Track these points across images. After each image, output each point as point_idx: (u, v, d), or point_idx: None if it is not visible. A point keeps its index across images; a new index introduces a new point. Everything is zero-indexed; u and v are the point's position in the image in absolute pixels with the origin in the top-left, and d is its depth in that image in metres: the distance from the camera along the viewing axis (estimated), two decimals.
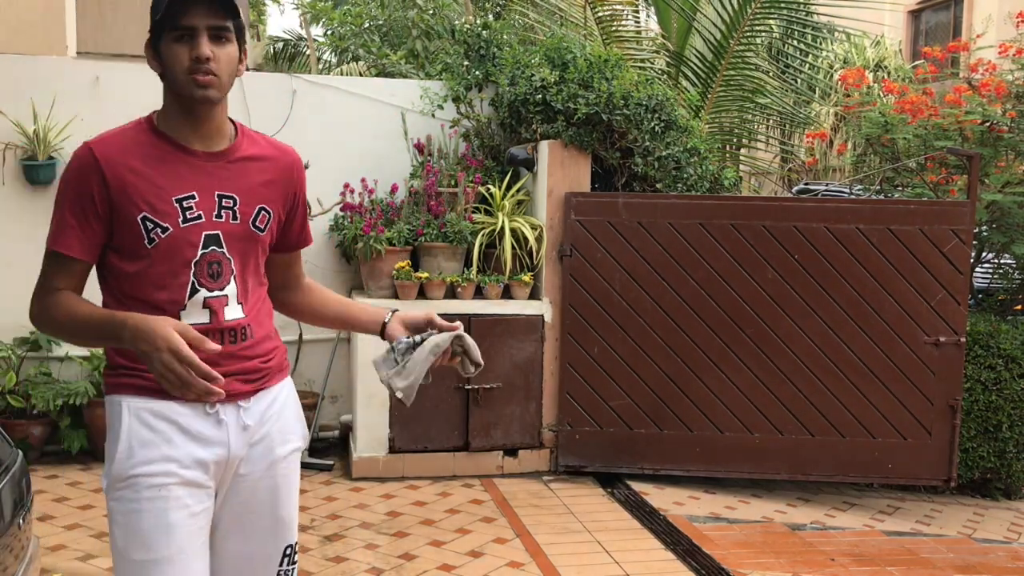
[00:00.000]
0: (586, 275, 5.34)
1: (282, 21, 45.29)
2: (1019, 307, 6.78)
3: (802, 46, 9.30)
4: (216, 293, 1.91)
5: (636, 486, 5.26)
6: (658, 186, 5.59)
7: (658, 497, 5.12)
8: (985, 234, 6.41)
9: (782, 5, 7.88)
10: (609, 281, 5.33)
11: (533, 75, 5.54)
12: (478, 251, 5.33)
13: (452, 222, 5.37)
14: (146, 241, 1.85)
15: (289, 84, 5.90)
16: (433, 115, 5.91)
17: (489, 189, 5.56)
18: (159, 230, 1.86)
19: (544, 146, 5.45)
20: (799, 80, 9.31)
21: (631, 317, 5.32)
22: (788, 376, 5.30)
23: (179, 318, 1.85)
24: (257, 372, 1.97)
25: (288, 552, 2.08)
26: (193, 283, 1.89)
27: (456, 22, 9.10)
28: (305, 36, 14.58)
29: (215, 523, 1.98)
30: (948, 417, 5.30)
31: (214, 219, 1.91)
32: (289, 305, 2.22)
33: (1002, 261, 6.80)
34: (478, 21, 6.53)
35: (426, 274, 5.28)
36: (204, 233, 1.89)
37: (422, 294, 5.32)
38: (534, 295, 5.51)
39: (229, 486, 1.97)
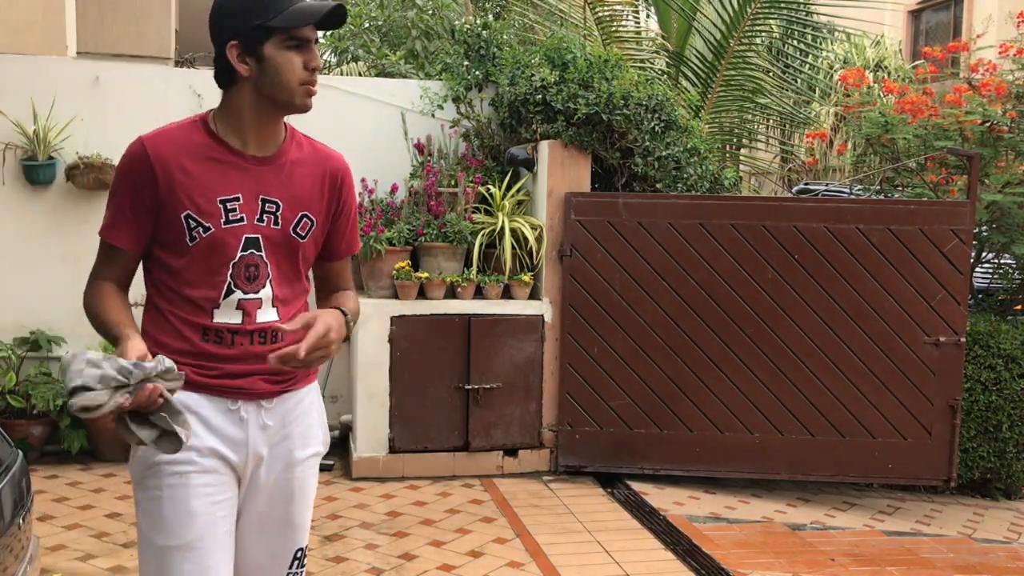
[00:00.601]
0: (586, 275, 5.34)
1: None
2: (1019, 307, 6.78)
3: (802, 46, 9.30)
4: (251, 296, 1.95)
5: (636, 486, 5.26)
6: (658, 186, 5.59)
7: (658, 497, 5.11)
8: (985, 234, 6.41)
9: (782, 5, 7.88)
10: (609, 281, 5.33)
11: (533, 75, 5.54)
12: (478, 251, 5.33)
13: (452, 222, 5.37)
14: (188, 239, 1.90)
15: None
16: (433, 115, 5.91)
17: (489, 189, 5.56)
18: (201, 229, 1.90)
19: (544, 146, 5.45)
20: (799, 80, 9.31)
21: (631, 317, 5.32)
22: (788, 376, 5.30)
23: (212, 316, 1.93)
24: (283, 374, 1.98)
25: (298, 555, 2.10)
26: (229, 283, 1.93)
27: (456, 22, 9.10)
28: None
29: (237, 518, 2.02)
30: (948, 417, 5.30)
31: (255, 222, 1.94)
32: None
33: (1002, 261, 6.80)
34: (478, 21, 6.53)
35: (426, 274, 5.28)
36: (245, 236, 1.93)
37: (422, 294, 5.32)
38: (534, 295, 5.51)
39: (249, 484, 2.01)
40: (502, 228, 5.35)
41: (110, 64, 6.02)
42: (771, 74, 8.57)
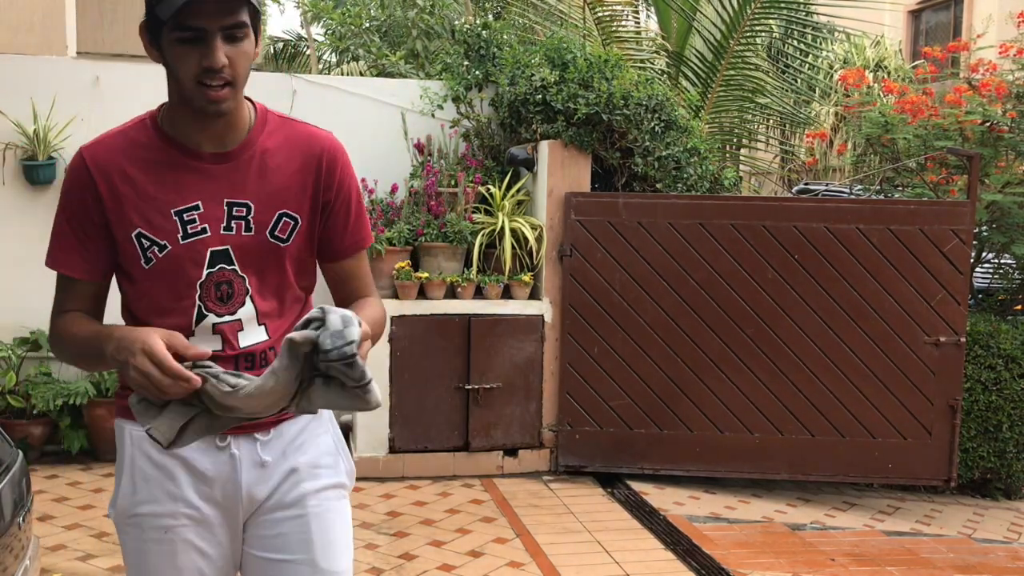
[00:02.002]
0: (586, 275, 5.34)
1: (282, 21, 45.34)
2: (1019, 307, 6.77)
3: (802, 46, 9.30)
4: (227, 318, 1.66)
5: (636, 486, 5.26)
6: (658, 186, 5.59)
7: (658, 497, 5.11)
8: (985, 234, 6.41)
9: (782, 5, 7.88)
10: (609, 281, 5.33)
11: (533, 75, 5.54)
12: (478, 251, 5.33)
13: (452, 222, 5.37)
14: (143, 261, 1.62)
15: (289, 84, 5.90)
16: (433, 115, 5.91)
17: (489, 189, 5.56)
18: (156, 248, 1.61)
19: (544, 146, 5.45)
20: (799, 80, 9.31)
21: (631, 317, 5.32)
22: (788, 376, 5.30)
23: None
24: None
25: None
26: (199, 307, 1.64)
27: (456, 22, 9.10)
28: (305, 36, 14.59)
29: (245, 568, 1.77)
30: (948, 417, 5.30)
31: (222, 232, 1.63)
32: None
33: (1002, 261, 6.80)
34: (478, 21, 6.53)
35: (426, 274, 5.28)
36: (210, 249, 1.63)
37: (422, 294, 5.32)
38: (534, 295, 5.51)
39: (254, 531, 1.73)
40: (502, 228, 5.35)
41: (110, 64, 6.02)
42: (771, 74, 8.57)
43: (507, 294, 5.45)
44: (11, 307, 5.44)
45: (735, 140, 9.06)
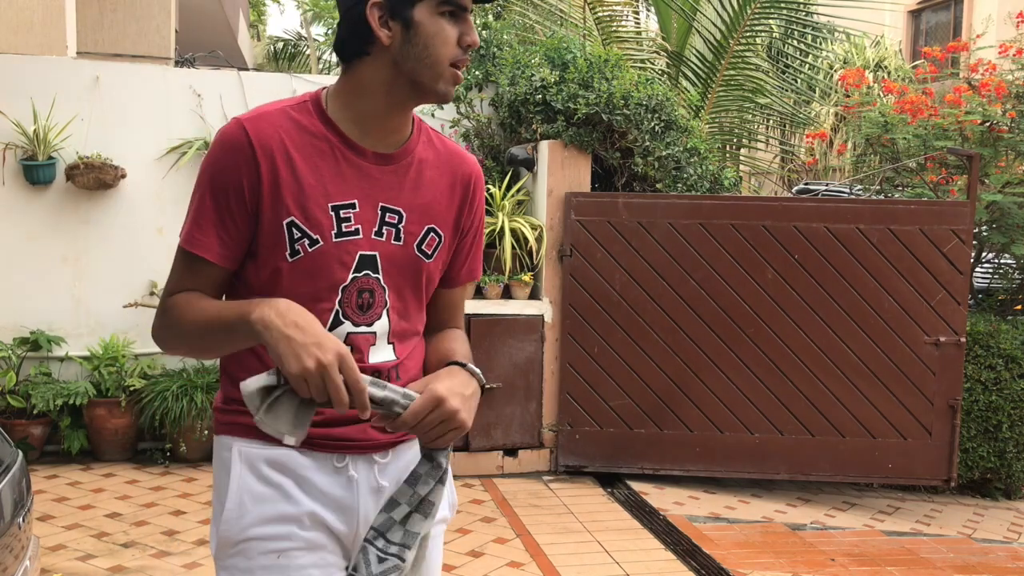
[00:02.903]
0: (586, 275, 5.34)
1: (282, 21, 45.31)
2: (1019, 307, 6.77)
3: (802, 46, 9.30)
4: (363, 329, 1.53)
5: (636, 486, 5.26)
6: (658, 186, 5.59)
7: (658, 497, 5.11)
8: (985, 234, 6.41)
9: (782, 5, 7.88)
10: (609, 281, 5.33)
11: (533, 75, 5.54)
12: None
13: None
14: (288, 252, 1.47)
15: (289, 84, 5.90)
16: (433, 115, 5.90)
17: (489, 189, 5.56)
18: (307, 241, 1.48)
19: (544, 146, 5.45)
20: (799, 80, 9.31)
21: (631, 317, 5.33)
22: (788, 376, 5.30)
23: None
24: None
25: None
26: (337, 312, 1.51)
27: None
28: (305, 36, 14.60)
29: None
30: (948, 417, 5.30)
31: (373, 236, 1.51)
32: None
33: (1002, 261, 6.80)
34: (478, 21, 6.54)
35: None
36: (360, 253, 1.51)
37: None
38: (534, 295, 5.51)
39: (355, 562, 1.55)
40: (502, 228, 5.35)
41: (110, 64, 6.02)
42: (771, 74, 8.57)
43: (507, 294, 5.45)
44: (11, 307, 5.44)
45: (735, 140, 9.06)
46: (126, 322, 5.51)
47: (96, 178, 5.42)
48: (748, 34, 7.76)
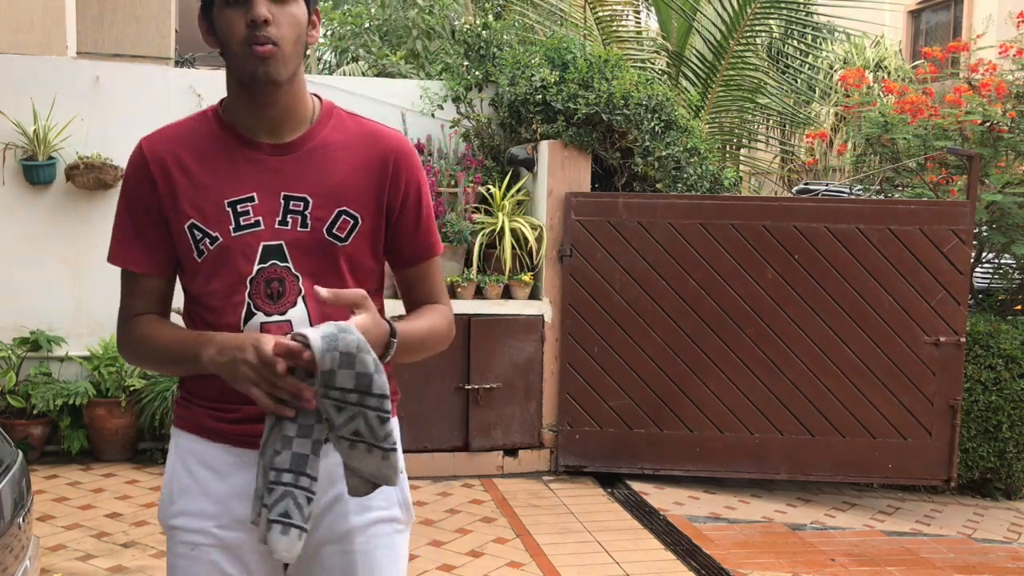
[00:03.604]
0: (586, 275, 5.34)
1: None
2: (1019, 307, 6.77)
3: (802, 46, 9.30)
4: (275, 318, 1.55)
5: (636, 486, 5.26)
6: (658, 186, 5.59)
7: (658, 497, 5.11)
8: (985, 234, 6.41)
9: (782, 5, 7.88)
10: (609, 281, 5.33)
11: (533, 75, 5.54)
12: (478, 251, 5.33)
13: (452, 222, 5.37)
14: (195, 253, 1.56)
15: None
16: (433, 115, 5.91)
17: (489, 189, 5.56)
18: (208, 240, 1.55)
19: (544, 146, 5.45)
20: (799, 80, 9.31)
21: (631, 317, 5.32)
22: (788, 376, 5.30)
23: None
24: None
25: None
26: (248, 304, 1.55)
27: (456, 22, 9.10)
28: None
29: None
30: (948, 417, 5.30)
31: (277, 226, 1.56)
32: None
33: (1002, 261, 6.80)
34: (478, 21, 6.53)
35: None
36: (262, 244, 1.55)
37: None
38: (534, 295, 5.51)
39: (297, 564, 1.60)
40: (502, 228, 5.35)
41: (110, 64, 6.03)
42: (771, 74, 8.57)
43: (507, 294, 5.45)
44: (11, 307, 5.44)
45: (735, 140, 9.06)
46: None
47: (96, 178, 5.42)
48: (748, 34, 7.76)
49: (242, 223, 1.55)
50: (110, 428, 5.29)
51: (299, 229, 1.56)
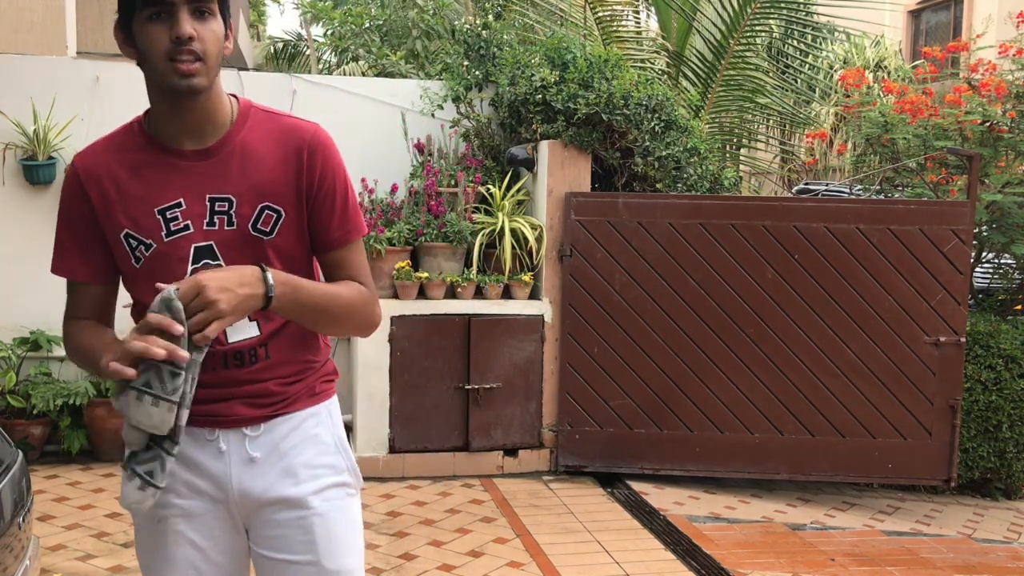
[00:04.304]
0: (586, 275, 5.34)
1: (282, 21, 45.28)
2: (1019, 307, 6.78)
3: (802, 46, 9.30)
4: None
5: (636, 486, 5.26)
6: (658, 186, 5.59)
7: (658, 497, 5.12)
8: (985, 234, 6.41)
9: (782, 5, 7.88)
10: (609, 281, 5.34)
11: (533, 75, 5.54)
12: (478, 251, 5.33)
13: (452, 222, 5.37)
14: (132, 260, 1.66)
15: (289, 84, 5.91)
16: (433, 115, 5.91)
17: (489, 189, 5.56)
18: (143, 247, 1.65)
19: (544, 146, 5.45)
20: (799, 80, 9.31)
21: (631, 317, 5.33)
22: (788, 376, 5.30)
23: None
24: (271, 396, 1.71)
25: None
26: None
27: (456, 22, 9.10)
28: (305, 36, 14.59)
29: (254, 565, 1.79)
30: (948, 417, 5.30)
31: (205, 228, 1.65)
32: None
33: (1002, 261, 6.80)
34: (478, 21, 6.53)
35: (426, 274, 5.28)
36: (193, 246, 1.65)
37: (422, 294, 5.32)
38: (534, 295, 5.51)
39: (257, 523, 1.73)
40: (502, 228, 5.35)
41: (110, 64, 6.02)
42: (771, 74, 8.57)
43: (507, 294, 5.45)
44: (11, 307, 5.44)
45: (735, 140, 9.06)
46: (126, 322, 5.50)
47: None
48: (748, 34, 7.76)
49: (172, 228, 1.64)
50: (110, 428, 5.28)
51: (226, 228, 1.65)
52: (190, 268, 1.64)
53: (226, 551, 1.74)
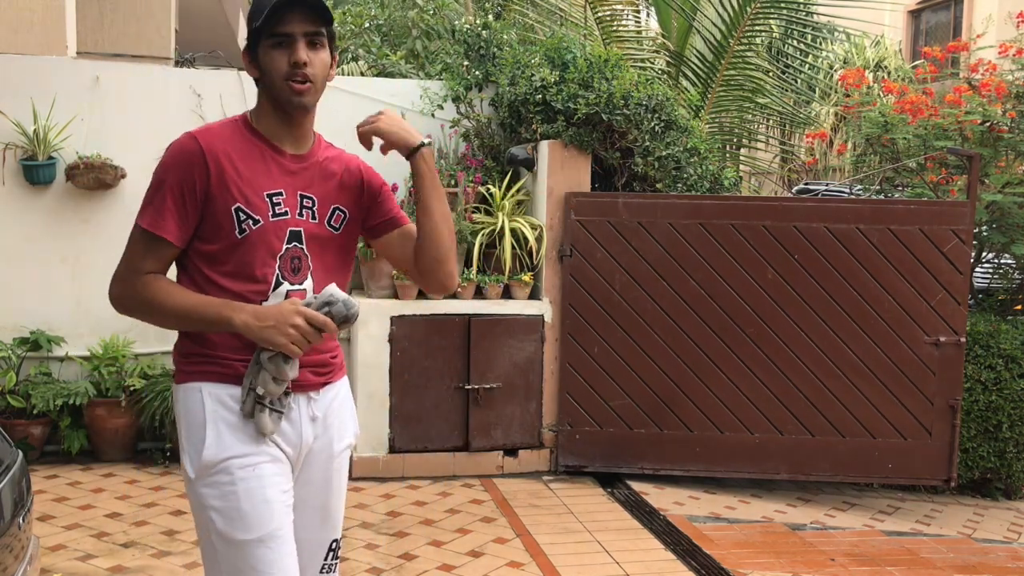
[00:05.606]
0: (586, 275, 5.34)
1: None
2: (1019, 307, 6.78)
3: (802, 46, 9.30)
4: (296, 287, 2.02)
5: (636, 486, 5.26)
6: (658, 186, 5.59)
7: (658, 497, 5.11)
8: (985, 234, 6.41)
9: (782, 5, 7.88)
10: (609, 281, 5.33)
11: (533, 75, 5.54)
12: (478, 251, 5.33)
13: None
14: (237, 232, 1.95)
15: None
16: (433, 115, 5.90)
17: (489, 189, 5.56)
18: (251, 222, 1.96)
19: (544, 146, 5.45)
20: (799, 80, 9.31)
21: (631, 317, 5.32)
22: (788, 376, 5.30)
23: None
24: (325, 366, 2.10)
25: (333, 547, 2.17)
26: (278, 275, 2.00)
27: (456, 22, 9.09)
28: None
29: None
30: (948, 417, 5.30)
31: (297, 217, 2.02)
32: (425, 272, 2.22)
33: (1002, 261, 6.80)
34: (478, 21, 6.53)
35: None
36: (289, 229, 2.01)
37: (422, 294, 5.32)
38: (534, 295, 5.51)
39: (298, 476, 2.08)
40: (502, 228, 5.35)
41: (110, 64, 6.02)
42: (771, 74, 8.57)
43: (507, 294, 5.45)
44: (11, 307, 5.44)
45: (735, 140, 9.06)
46: (126, 322, 5.45)
47: (96, 178, 5.42)
48: (748, 34, 7.76)
49: (277, 211, 2.00)
50: (110, 428, 5.29)
51: (310, 221, 2.05)
52: (284, 246, 2.00)
53: (291, 496, 2.04)
